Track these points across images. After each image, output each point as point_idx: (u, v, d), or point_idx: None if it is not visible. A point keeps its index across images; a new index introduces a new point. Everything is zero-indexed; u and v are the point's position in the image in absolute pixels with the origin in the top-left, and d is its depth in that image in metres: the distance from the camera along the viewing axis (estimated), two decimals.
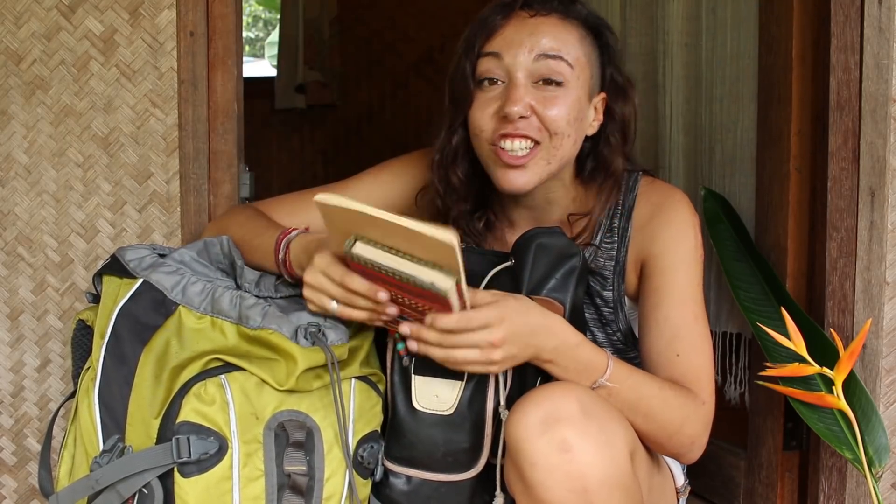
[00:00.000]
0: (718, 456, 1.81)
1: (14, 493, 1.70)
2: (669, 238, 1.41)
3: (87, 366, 1.29)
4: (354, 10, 4.36)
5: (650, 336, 1.38)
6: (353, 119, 4.47)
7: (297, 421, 1.19)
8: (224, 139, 1.65)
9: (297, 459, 1.18)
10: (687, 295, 1.38)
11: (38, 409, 1.69)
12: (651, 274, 1.41)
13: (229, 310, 1.23)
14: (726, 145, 1.84)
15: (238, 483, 1.16)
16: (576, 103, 1.36)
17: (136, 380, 1.21)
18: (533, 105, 1.33)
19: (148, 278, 1.26)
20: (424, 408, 1.25)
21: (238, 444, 1.16)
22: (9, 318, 1.67)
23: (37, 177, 1.65)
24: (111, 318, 1.25)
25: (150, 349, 1.22)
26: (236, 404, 1.17)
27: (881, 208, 1.49)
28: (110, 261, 1.33)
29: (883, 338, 1.50)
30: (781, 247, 1.65)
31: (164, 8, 1.62)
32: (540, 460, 1.13)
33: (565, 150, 1.37)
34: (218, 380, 1.18)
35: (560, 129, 1.34)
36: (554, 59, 1.34)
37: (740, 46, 1.80)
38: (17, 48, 1.63)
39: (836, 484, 1.57)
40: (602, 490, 1.13)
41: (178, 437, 1.15)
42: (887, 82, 1.47)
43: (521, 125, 1.33)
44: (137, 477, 1.17)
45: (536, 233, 1.32)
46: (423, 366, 1.25)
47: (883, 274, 1.49)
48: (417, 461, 1.26)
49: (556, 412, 1.14)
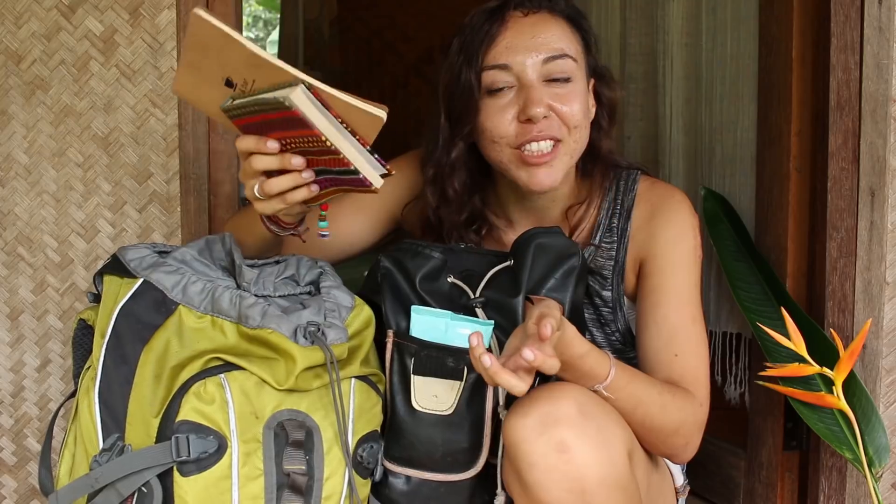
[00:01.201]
0: (718, 456, 1.81)
1: (14, 493, 1.70)
2: (669, 238, 1.41)
3: (88, 365, 1.29)
4: (354, 10, 4.36)
5: (648, 335, 1.38)
6: None
7: (297, 420, 1.19)
8: (224, 139, 1.65)
9: (296, 459, 1.18)
10: (685, 296, 1.39)
11: (38, 409, 1.69)
12: (650, 274, 1.41)
13: (229, 309, 1.23)
14: (726, 145, 1.84)
15: (237, 482, 1.16)
16: (584, 95, 1.39)
17: (137, 379, 1.21)
18: (550, 104, 1.35)
19: (148, 278, 1.25)
20: (424, 408, 1.25)
21: (237, 444, 1.16)
22: (9, 318, 1.67)
23: (37, 177, 1.65)
24: (111, 317, 1.24)
25: (151, 348, 1.22)
26: (236, 403, 1.17)
27: (881, 208, 1.49)
28: (111, 260, 1.33)
29: (883, 338, 1.50)
30: (781, 247, 1.65)
31: (164, 8, 1.62)
32: (538, 461, 1.13)
33: (582, 142, 1.40)
34: (217, 379, 1.18)
35: (578, 122, 1.37)
36: (561, 58, 1.36)
37: (740, 46, 1.80)
38: (17, 48, 1.63)
39: (836, 484, 1.57)
40: (600, 490, 1.13)
41: (178, 435, 1.15)
42: (887, 82, 1.47)
43: (543, 126, 1.34)
44: (137, 475, 1.17)
45: (536, 232, 1.33)
46: (422, 366, 1.25)
47: (883, 274, 1.49)
48: (417, 461, 1.26)
49: (554, 413, 1.14)
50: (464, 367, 1.24)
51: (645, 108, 2.10)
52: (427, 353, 1.26)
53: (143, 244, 1.34)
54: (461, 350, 1.24)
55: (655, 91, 2.04)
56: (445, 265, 1.34)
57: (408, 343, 1.27)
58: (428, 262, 1.33)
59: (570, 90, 1.36)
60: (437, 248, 1.36)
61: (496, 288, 1.30)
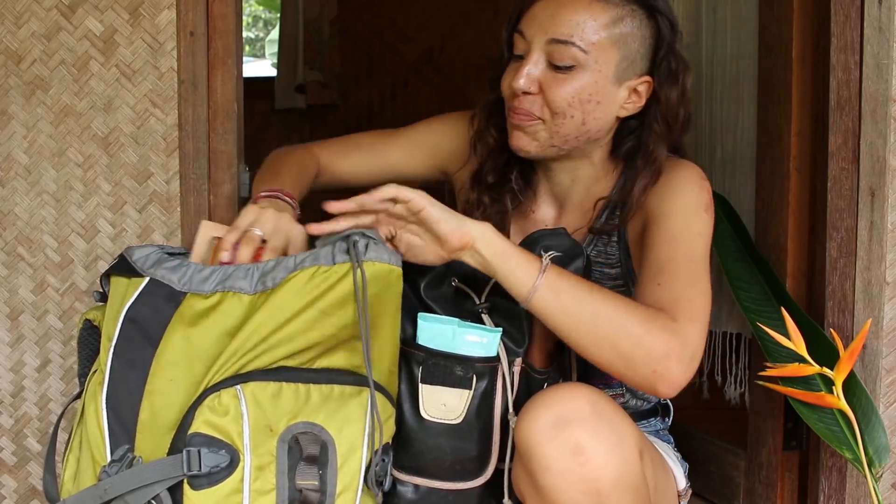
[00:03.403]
0: (718, 456, 1.81)
1: (14, 493, 1.70)
2: (668, 191, 1.37)
3: (95, 368, 1.26)
4: (354, 10, 4.36)
5: (639, 277, 1.33)
6: (353, 119, 4.47)
7: (312, 434, 1.16)
8: (224, 139, 1.65)
9: (309, 475, 1.15)
10: (683, 237, 1.31)
11: (38, 409, 1.69)
12: (649, 228, 1.36)
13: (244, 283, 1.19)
14: (726, 145, 1.84)
15: (248, 497, 1.14)
16: (589, 86, 1.36)
17: (149, 387, 1.18)
18: (541, 82, 1.36)
19: (153, 275, 1.23)
20: (432, 417, 1.24)
21: (250, 458, 1.14)
22: (9, 318, 1.67)
23: (37, 177, 1.65)
24: (119, 319, 1.21)
25: (163, 352, 1.18)
26: (251, 416, 1.15)
27: (881, 208, 1.49)
28: (118, 261, 1.30)
29: (883, 338, 1.50)
30: (781, 247, 1.65)
31: (164, 8, 1.62)
32: (553, 464, 1.12)
33: (569, 129, 1.38)
34: (233, 390, 1.15)
35: (560, 109, 1.36)
36: (564, 44, 1.35)
37: (740, 46, 1.80)
38: (17, 48, 1.63)
39: (836, 484, 1.57)
40: (615, 492, 1.13)
41: (189, 449, 1.13)
42: (887, 82, 1.47)
43: (525, 101, 1.37)
44: (146, 489, 1.14)
45: (541, 235, 1.32)
46: (430, 374, 1.24)
47: (883, 274, 1.49)
48: (425, 470, 1.25)
49: (566, 414, 1.13)
50: (472, 375, 1.23)
51: None
52: (435, 361, 1.24)
53: (150, 244, 1.33)
54: (469, 358, 1.24)
55: None
56: (448, 267, 1.32)
57: (415, 351, 1.26)
58: (431, 267, 1.31)
59: (567, 78, 1.35)
60: None
61: (503, 293, 1.28)
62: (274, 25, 8.77)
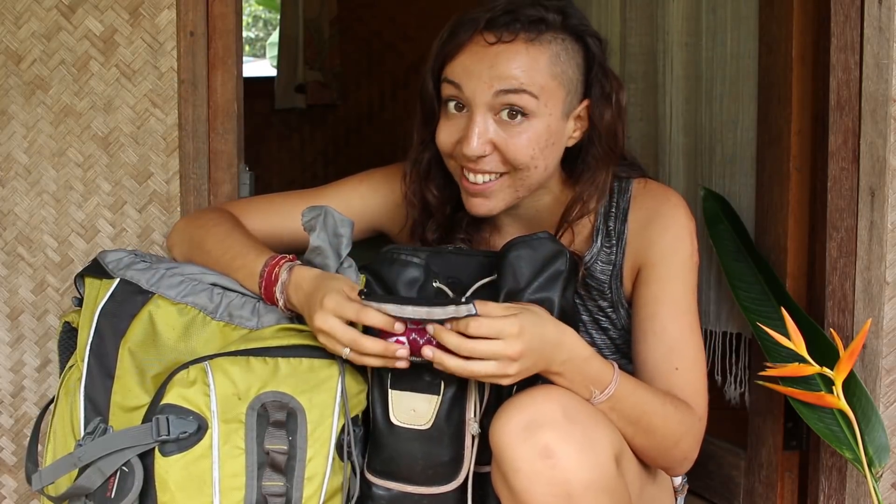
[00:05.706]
0: (718, 456, 1.81)
1: (14, 493, 1.71)
2: (666, 245, 1.38)
3: (71, 363, 1.33)
4: (354, 9, 4.36)
5: (646, 346, 1.36)
6: (353, 119, 4.47)
7: (280, 402, 1.20)
8: (224, 139, 1.65)
9: (277, 438, 1.19)
10: (683, 305, 1.37)
11: (37, 409, 1.69)
12: (647, 282, 1.39)
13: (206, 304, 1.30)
14: (726, 145, 1.84)
15: (217, 461, 1.18)
16: (544, 132, 1.32)
17: (118, 371, 1.26)
18: (494, 141, 1.30)
19: (124, 276, 1.32)
20: (402, 422, 1.23)
21: (218, 424, 1.18)
22: (9, 318, 1.67)
23: (37, 177, 1.65)
24: (93, 318, 1.30)
25: (128, 339, 1.27)
26: (217, 386, 1.20)
27: (881, 208, 1.49)
28: (91, 263, 1.39)
29: (883, 338, 1.50)
30: (781, 247, 1.65)
31: (164, 8, 1.62)
32: (523, 466, 1.13)
33: (534, 178, 1.35)
34: (201, 365, 1.21)
35: (523, 163, 1.32)
36: (516, 93, 1.28)
37: (740, 46, 1.80)
38: (17, 48, 1.63)
39: (836, 484, 1.57)
40: (587, 495, 1.13)
41: (158, 416, 1.18)
42: (887, 82, 1.47)
43: (481, 163, 1.32)
44: (118, 454, 1.20)
45: (522, 239, 1.29)
46: (399, 380, 1.23)
47: (883, 274, 1.49)
48: (398, 474, 1.24)
49: (538, 417, 1.14)
50: (440, 381, 1.22)
51: (645, 108, 2.10)
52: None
53: (122, 249, 1.40)
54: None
55: (655, 91, 2.04)
56: (429, 270, 1.30)
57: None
58: (406, 269, 1.29)
59: (521, 129, 1.30)
60: (420, 252, 1.32)
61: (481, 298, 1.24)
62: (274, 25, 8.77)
